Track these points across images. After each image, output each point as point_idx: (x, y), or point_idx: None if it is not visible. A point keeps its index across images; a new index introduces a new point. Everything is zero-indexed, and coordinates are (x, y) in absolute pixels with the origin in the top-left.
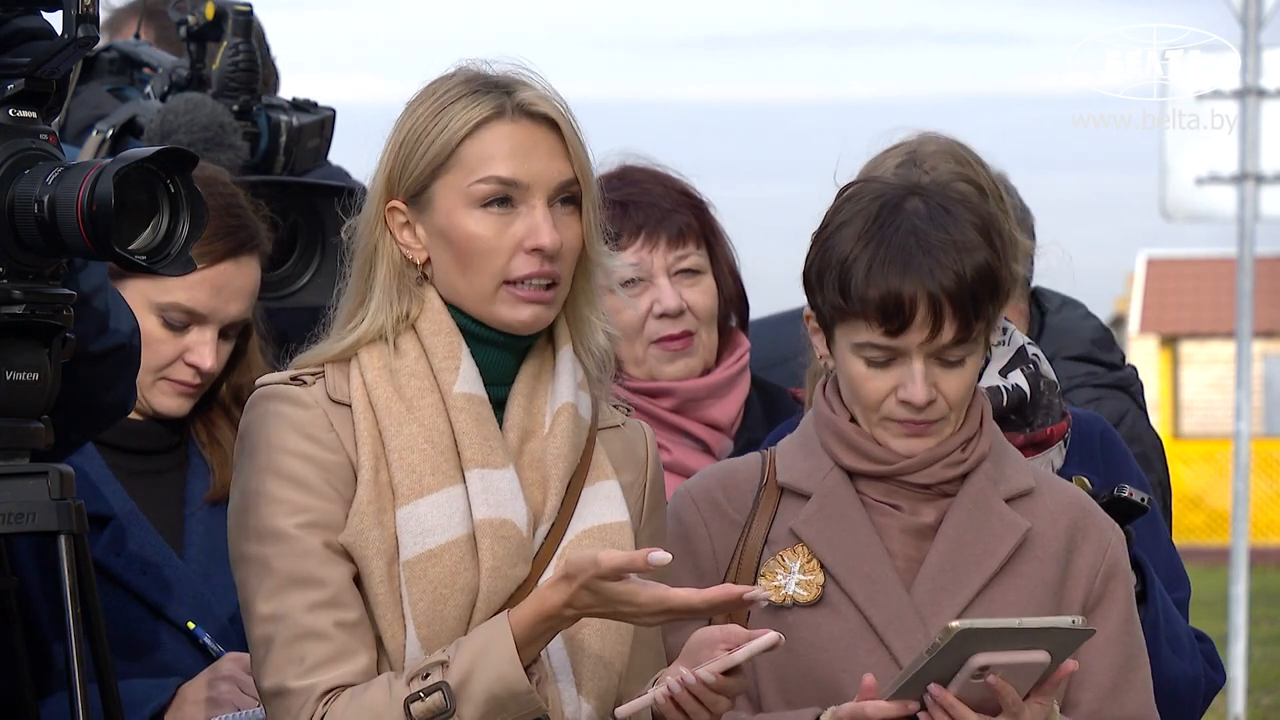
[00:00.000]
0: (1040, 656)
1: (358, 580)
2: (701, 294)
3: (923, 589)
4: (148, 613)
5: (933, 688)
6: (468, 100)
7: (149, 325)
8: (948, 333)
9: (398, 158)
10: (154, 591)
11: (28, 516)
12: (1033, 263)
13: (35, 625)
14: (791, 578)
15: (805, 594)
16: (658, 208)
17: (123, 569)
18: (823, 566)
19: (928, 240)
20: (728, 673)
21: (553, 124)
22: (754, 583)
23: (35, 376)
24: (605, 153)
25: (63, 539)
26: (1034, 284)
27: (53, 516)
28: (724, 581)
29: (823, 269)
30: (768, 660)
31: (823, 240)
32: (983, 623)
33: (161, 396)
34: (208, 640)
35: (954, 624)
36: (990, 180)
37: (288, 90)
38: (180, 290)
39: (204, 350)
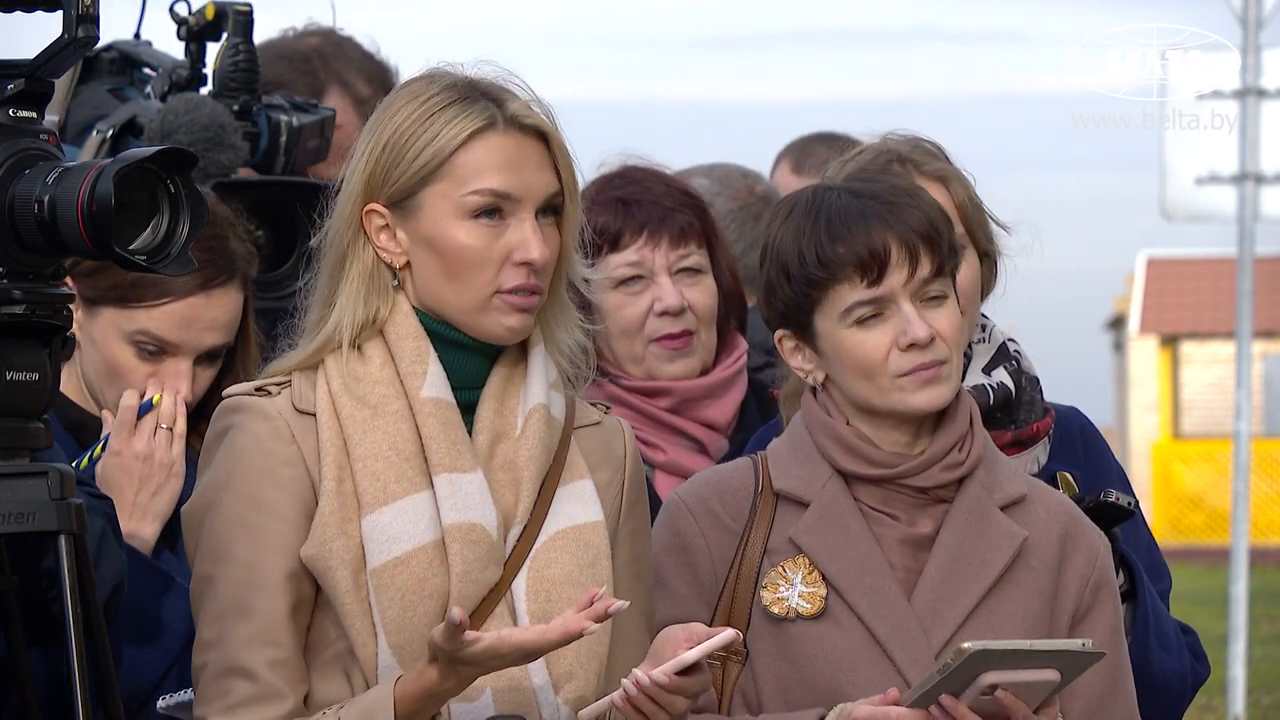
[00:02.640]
0: (1050, 675)
1: (315, 600)
2: (702, 294)
3: (923, 600)
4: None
5: (944, 698)
6: (458, 109)
7: (124, 354)
8: (925, 266)
9: (380, 162)
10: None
11: (28, 516)
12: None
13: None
14: (794, 589)
15: (809, 606)
16: (660, 206)
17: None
18: (824, 578)
19: (872, 194)
20: (685, 672)
21: (541, 136)
22: (755, 594)
23: (35, 376)
24: (606, 153)
25: (63, 539)
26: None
27: (53, 516)
28: (723, 592)
29: (784, 262)
30: (771, 671)
31: (770, 249)
32: (995, 644)
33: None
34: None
35: (967, 645)
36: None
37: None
38: (148, 320)
39: (179, 381)
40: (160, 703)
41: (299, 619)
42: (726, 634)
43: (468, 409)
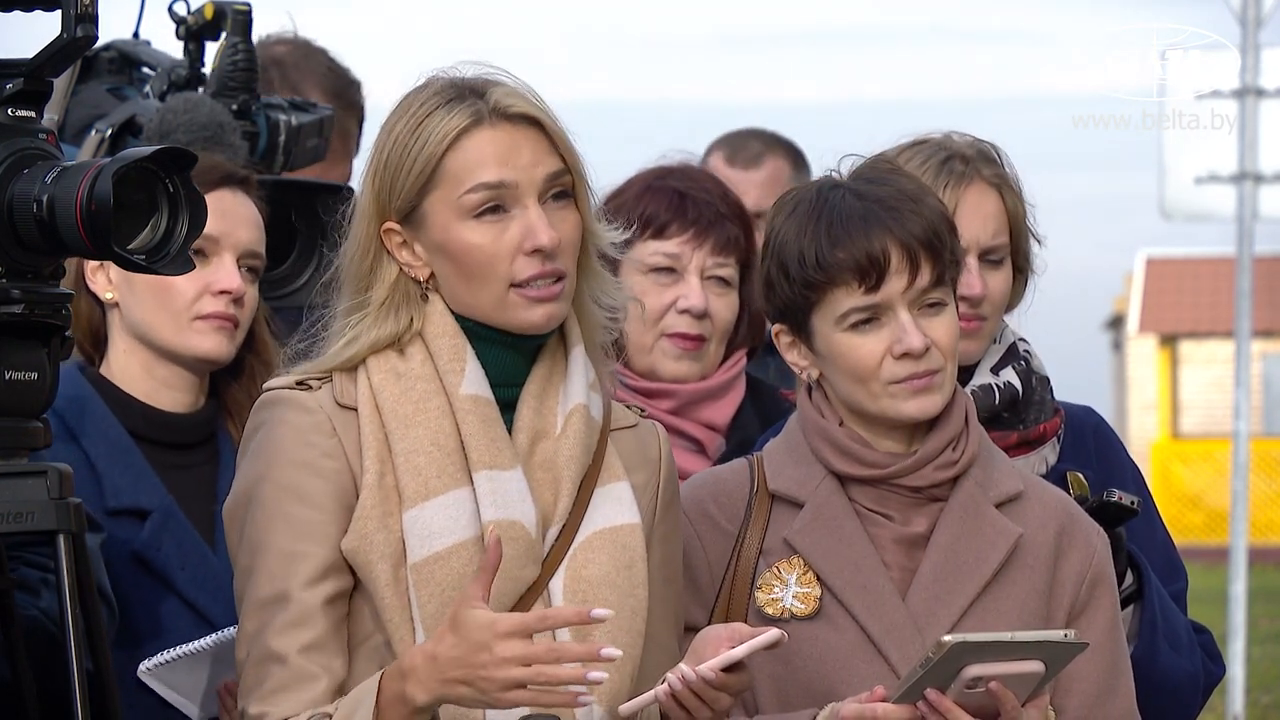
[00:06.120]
0: (1035, 667)
1: (354, 590)
2: (725, 306)
3: (918, 599)
4: (185, 608)
5: (929, 693)
6: (443, 111)
7: None
8: (925, 275)
9: (383, 179)
10: (192, 588)
11: (27, 516)
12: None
13: None
14: (789, 590)
15: (803, 607)
16: (714, 209)
17: (164, 563)
18: (819, 578)
19: (876, 197)
20: (729, 669)
21: (532, 121)
22: (751, 595)
23: (34, 376)
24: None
25: (61, 538)
26: None
27: (51, 516)
28: (719, 594)
29: (783, 260)
30: (766, 672)
31: (772, 244)
32: (975, 636)
33: (199, 338)
34: None
35: (946, 638)
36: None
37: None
38: None
39: (227, 274)
40: (142, 666)
41: (336, 608)
42: (772, 634)
43: (507, 406)
